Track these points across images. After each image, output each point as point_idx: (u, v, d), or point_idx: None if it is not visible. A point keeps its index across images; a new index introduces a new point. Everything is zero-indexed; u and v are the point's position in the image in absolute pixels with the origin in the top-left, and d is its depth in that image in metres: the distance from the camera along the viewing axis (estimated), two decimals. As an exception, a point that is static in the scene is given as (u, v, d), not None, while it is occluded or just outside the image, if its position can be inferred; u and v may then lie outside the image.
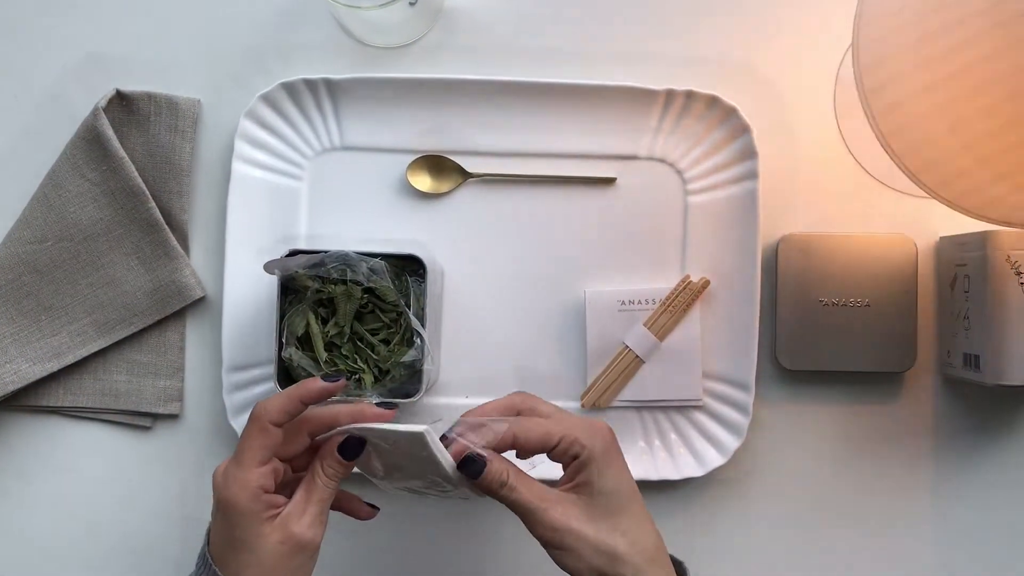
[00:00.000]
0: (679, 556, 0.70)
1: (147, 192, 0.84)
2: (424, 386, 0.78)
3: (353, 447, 0.66)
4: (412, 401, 0.78)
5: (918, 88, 0.66)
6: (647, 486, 0.83)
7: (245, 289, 0.84)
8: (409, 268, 0.80)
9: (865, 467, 0.86)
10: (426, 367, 0.77)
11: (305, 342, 0.80)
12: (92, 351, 0.85)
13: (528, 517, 0.64)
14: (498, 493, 0.65)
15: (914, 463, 0.86)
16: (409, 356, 0.77)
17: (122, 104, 0.85)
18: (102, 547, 0.86)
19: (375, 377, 0.80)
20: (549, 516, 0.64)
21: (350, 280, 0.78)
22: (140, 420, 0.86)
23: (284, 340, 0.78)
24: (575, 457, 0.65)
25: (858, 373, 0.85)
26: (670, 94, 0.84)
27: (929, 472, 0.86)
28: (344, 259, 0.77)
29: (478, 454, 0.65)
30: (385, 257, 0.79)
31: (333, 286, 0.79)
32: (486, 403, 0.69)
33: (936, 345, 0.86)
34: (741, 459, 0.85)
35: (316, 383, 0.66)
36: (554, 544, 0.64)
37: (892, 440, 0.86)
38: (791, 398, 0.86)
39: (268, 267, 0.77)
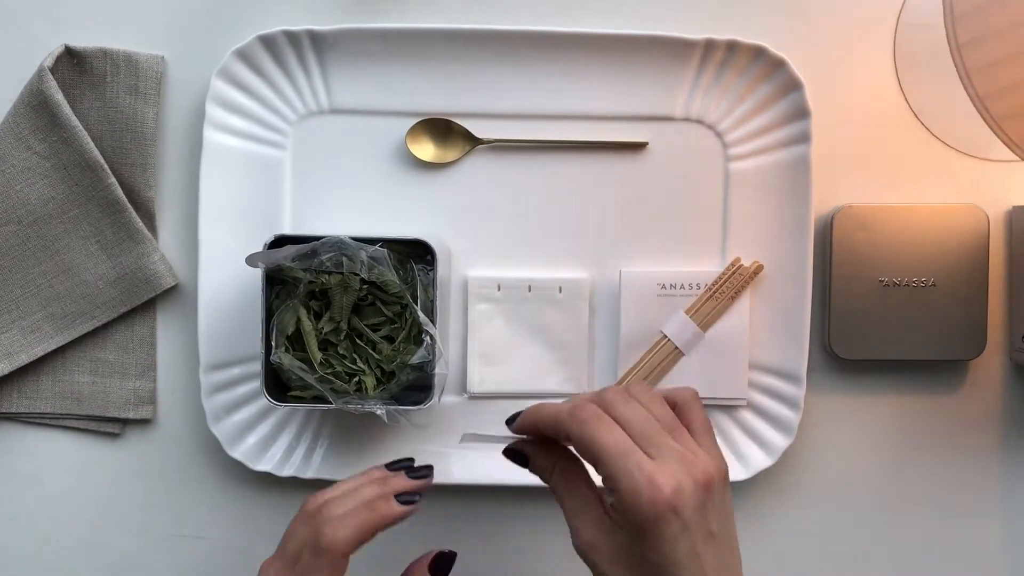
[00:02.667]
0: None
1: (105, 166, 0.74)
2: (437, 393, 0.68)
3: (447, 562, 0.64)
4: (422, 409, 0.68)
5: (1026, 45, 0.56)
6: None
7: (223, 275, 0.75)
8: (415, 254, 0.70)
9: (927, 465, 0.78)
10: (438, 370, 0.67)
11: (296, 340, 0.69)
12: (49, 349, 0.76)
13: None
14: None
15: (981, 458, 0.78)
16: (418, 357, 0.67)
17: (72, 63, 0.75)
18: (66, 567, 0.78)
19: (377, 380, 0.70)
20: (577, 537, 0.56)
21: (347, 272, 0.67)
22: (107, 426, 0.77)
23: (273, 341, 0.67)
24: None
25: (921, 362, 0.76)
26: (709, 44, 0.74)
27: (997, 468, 0.78)
28: (339, 247, 0.67)
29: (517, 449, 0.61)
30: (387, 243, 0.68)
31: (327, 276, 0.68)
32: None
33: (1007, 328, 0.77)
34: (790, 460, 0.76)
35: (394, 509, 0.60)
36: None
37: (957, 434, 0.78)
38: (846, 390, 0.77)
39: (251, 260, 0.67)
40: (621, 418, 0.54)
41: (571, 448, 0.58)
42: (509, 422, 0.60)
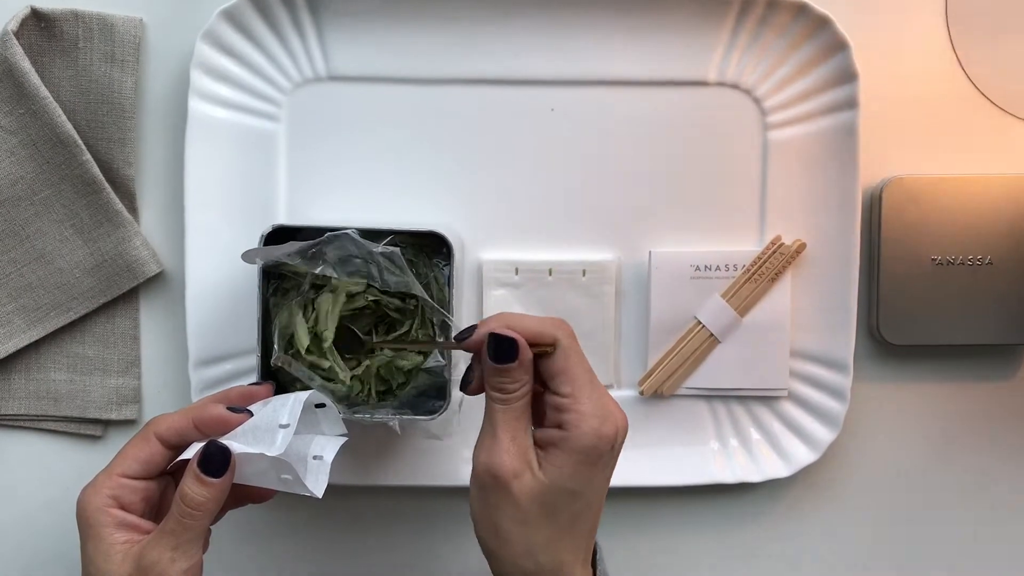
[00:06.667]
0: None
1: (79, 141, 0.68)
2: (455, 402, 0.62)
3: (215, 460, 0.54)
4: (435, 419, 0.62)
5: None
6: (722, 490, 0.72)
7: (213, 261, 0.69)
8: (428, 245, 0.64)
9: (983, 457, 0.73)
10: (457, 376, 0.61)
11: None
12: (21, 345, 0.70)
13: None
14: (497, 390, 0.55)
15: (1041, 450, 0.74)
16: (431, 361, 0.61)
17: (40, 27, 0.68)
18: (47, 581, 0.73)
19: (387, 386, 0.63)
20: (498, 458, 0.54)
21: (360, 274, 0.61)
22: (88, 428, 0.72)
23: (275, 343, 0.61)
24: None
25: (976, 346, 0.71)
26: (746, 1, 0.68)
27: (1057, 460, 0.74)
28: (345, 244, 0.61)
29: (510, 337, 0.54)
30: (398, 235, 0.62)
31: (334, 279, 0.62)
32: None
33: (1068, 309, 0.72)
34: (835, 454, 0.72)
35: (215, 410, 0.56)
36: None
37: (1015, 424, 0.73)
38: (896, 378, 0.73)
39: (248, 256, 0.61)
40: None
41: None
42: (460, 337, 0.56)
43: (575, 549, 0.54)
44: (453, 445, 0.70)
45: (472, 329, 0.55)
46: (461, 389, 0.57)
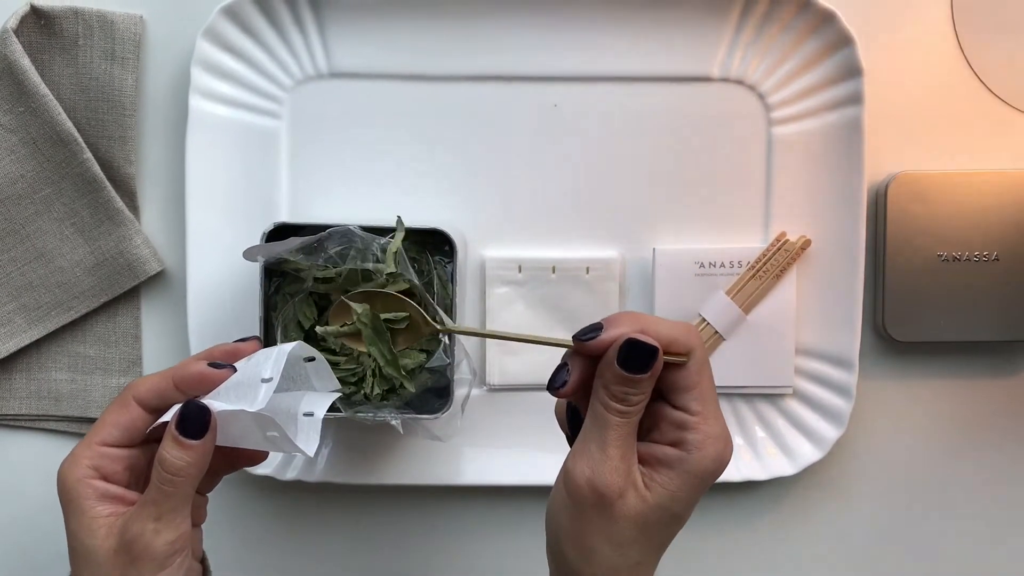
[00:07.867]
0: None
1: (80, 139, 0.68)
2: (457, 401, 0.62)
3: (193, 421, 0.50)
4: (437, 418, 0.62)
5: None
6: (727, 489, 0.71)
7: (214, 260, 0.69)
8: (431, 243, 0.63)
9: (990, 455, 0.72)
10: (459, 376, 0.60)
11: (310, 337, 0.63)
12: (23, 344, 0.70)
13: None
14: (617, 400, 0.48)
15: (1048, 448, 0.73)
16: (435, 361, 0.61)
17: (40, 24, 0.68)
18: (49, 581, 0.72)
19: (391, 385, 0.63)
20: (603, 476, 0.49)
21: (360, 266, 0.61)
22: (89, 428, 0.69)
23: (279, 341, 0.61)
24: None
25: (983, 343, 0.71)
26: None
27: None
28: (347, 238, 0.60)
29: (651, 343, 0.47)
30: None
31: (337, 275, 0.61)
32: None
33: (1075, 305, 0.71)
34: (841, 452, 0.71)
35: (196, 366, 0.52)
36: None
37: (1021, 420, 0.72)
38: (902, 376, 0.72)
39: (249, 254, 0.61)
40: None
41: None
42: (583, 337, 0.49)
43: (653, 571, 0.51)
44: (455, 444, 0.70)
45: (597, 329, 0.48)
46: (549, 390, 0.50)
